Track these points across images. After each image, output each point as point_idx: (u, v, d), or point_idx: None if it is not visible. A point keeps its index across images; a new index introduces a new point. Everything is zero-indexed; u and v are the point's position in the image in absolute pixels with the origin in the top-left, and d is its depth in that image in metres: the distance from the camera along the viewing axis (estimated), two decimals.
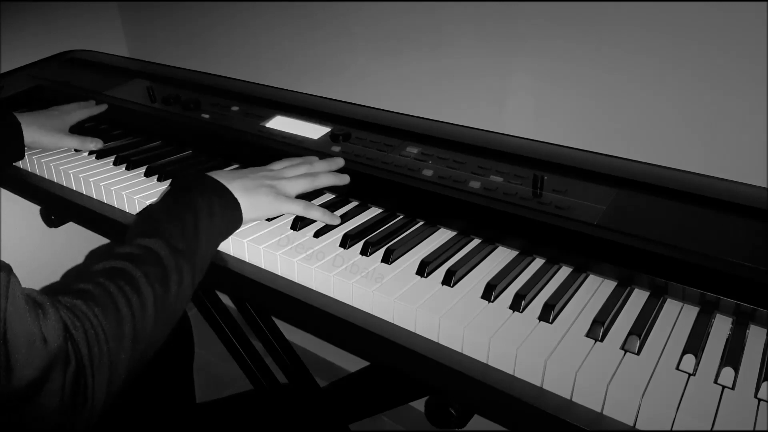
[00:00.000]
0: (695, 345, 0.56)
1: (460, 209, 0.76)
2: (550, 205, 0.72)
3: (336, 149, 0.89)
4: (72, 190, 0.94)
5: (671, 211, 0.69)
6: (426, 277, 0.67)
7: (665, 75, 0.87)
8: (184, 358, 1.01)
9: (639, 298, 0.64)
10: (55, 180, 0.97)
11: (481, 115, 1.05)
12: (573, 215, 0.69)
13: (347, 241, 0.73)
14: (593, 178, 0.76)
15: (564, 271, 0.69)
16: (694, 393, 0.51)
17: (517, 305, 0.61)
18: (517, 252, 0.72)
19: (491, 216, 0.73)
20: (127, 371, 0.55)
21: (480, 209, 0.74)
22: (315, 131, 0.95)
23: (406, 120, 0.98)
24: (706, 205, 0.69)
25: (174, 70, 1.34)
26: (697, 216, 0.68)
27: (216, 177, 0.73)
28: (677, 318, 0.61)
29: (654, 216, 0.69)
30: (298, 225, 0.77)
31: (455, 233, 0.77)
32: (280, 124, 0.99)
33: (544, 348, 0.55)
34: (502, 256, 0.72)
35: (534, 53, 0.98)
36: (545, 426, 0.52)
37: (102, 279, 0.57)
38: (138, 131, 1.09)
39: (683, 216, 0.68)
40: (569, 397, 0.53)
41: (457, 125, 0.96)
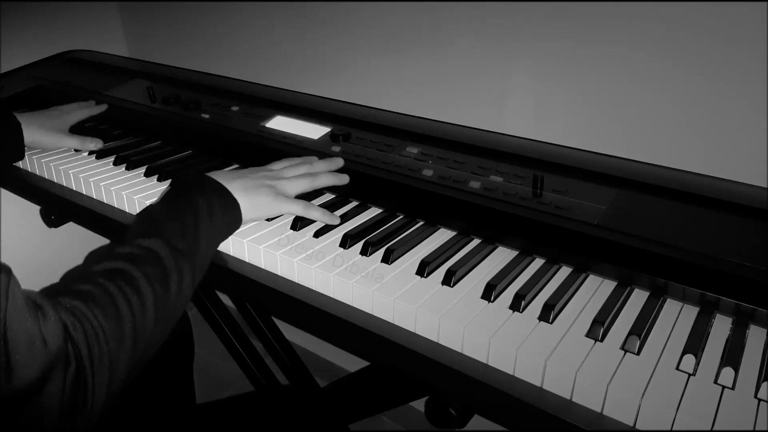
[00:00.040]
0: (695, 345, 0.56)
1: (460, 209, 0.76)
2: (550, 205, 0.72)
3: (336, 149, 0.89)
4: (72, 190, 0.94)
5: (671, 211, 0.69)
6: (426, 277, 0.67)
7: (665, 75, 0.87)
8: (184, 358, 1.01)
9: (639, 298, 0.64)
10: (55, 180, 0.97)
11: (481, 115, 1.05)
12: (573, 215, 0.69)
13: (347, 241, 0.73)
14: (593, 178, 0.76)
15: (564, 271, 0.69)
16: (694, 393, 0.51)
17: (517, 305, 0.61)
18: (517, 252, 0.72)
19: (491, 216, 0.73)
20: (127, 372, 0.55)
21: (480, 209, 0.74)
22: (315, 131, 0.95)
23: (406, 120, 0.98)
24: (706, 205, 0.69)
25: (174, 70, 1.34)
26: (697, 216, 0.68)
27: (216, 177, 0.73)
28: (677, 318, 0.61)
29: (654, 216, 0.69)
30: (298, 225, 0.77)
31: (455, 233, 0.77)
32: (280, 124, 0.99)
33: (544, 348, 0.55)
34: (502, 256, 0.72)
35: (534, 53, 0.98)
36: (545, 426, 0.52)
37: (102, 280, 0.56)
38: (138, 131, 1.09)
39: (683, 216, 0.68)
40: (569, 397, 0.53)
41: (457, 125, 0.96)
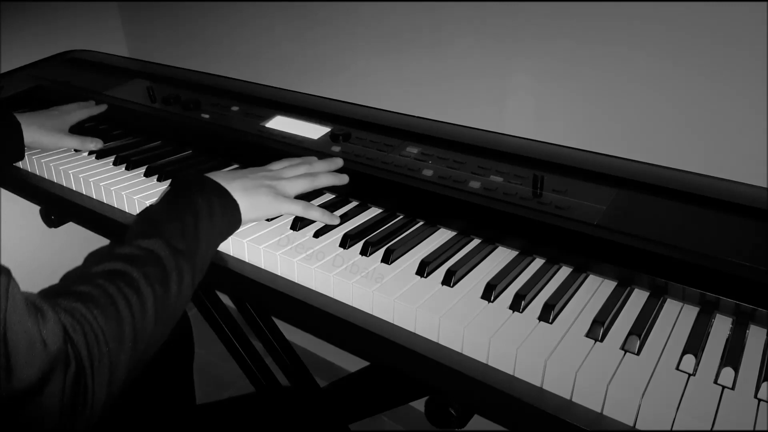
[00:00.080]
0: (695, 345, 0.56)
1: (460, 209, 0.76)
2: (550, 205, 0.71)
3: (336, 149, 0.89)
4: (72, 190, 0.94)
5: (671, 211, 0.69)
6: (426, 277, 0.67)
7: (665, 75, 0.87)
8: (184, 358, 1.01)
9: (639, 298, 0.64)
10: (55, 180, 0.97)
11: (481, 115, 1.05)
12: (573, 215, 0.69)
13: (347, 241, 0.73)
14: (593, 178, 0.76)
15: (564, 271, 0.69)
16: (694, 393, 0.51)
17: (517, 305, 0.61)
18: (517, 252, 0.72)
19: (491, 216, 0.73)
20: (127, 372, 0.55)
21: (480, 209, 0.74)
22: (315, 131, 0.95)
23: (406, 120, 0.98)
24: (706, 205, 0.69)
25: (174, 70, 1.34)
26: (697, 216, 0.68)
27: (215, 177, 0.73)
28: (677, 318, 0.61)
29: (654, 216, 0.69)
30: (297, 225, 0.77)
31: (455, 233, 0.77)
32: (280, 124, 0.99)
33: (544, 348, 0.55)
34: (502, 256, 0.72)
35: (534, 53, 0.98)
36: (545, 426, 0.52)
37: (101, 280, 0.56)
38: (138, 131, 1.09)
39: (683, 216, 0.68)
40: (569, 397, 0.53)
41: (457, 125, 0.96)
